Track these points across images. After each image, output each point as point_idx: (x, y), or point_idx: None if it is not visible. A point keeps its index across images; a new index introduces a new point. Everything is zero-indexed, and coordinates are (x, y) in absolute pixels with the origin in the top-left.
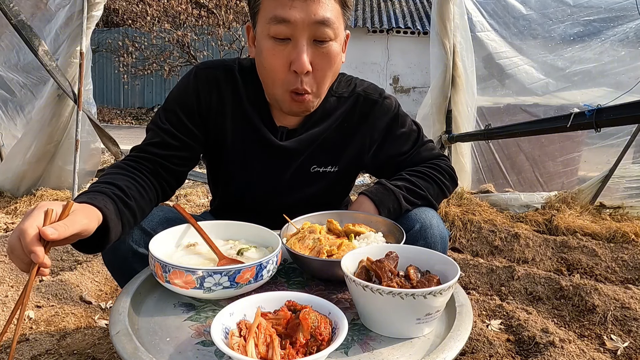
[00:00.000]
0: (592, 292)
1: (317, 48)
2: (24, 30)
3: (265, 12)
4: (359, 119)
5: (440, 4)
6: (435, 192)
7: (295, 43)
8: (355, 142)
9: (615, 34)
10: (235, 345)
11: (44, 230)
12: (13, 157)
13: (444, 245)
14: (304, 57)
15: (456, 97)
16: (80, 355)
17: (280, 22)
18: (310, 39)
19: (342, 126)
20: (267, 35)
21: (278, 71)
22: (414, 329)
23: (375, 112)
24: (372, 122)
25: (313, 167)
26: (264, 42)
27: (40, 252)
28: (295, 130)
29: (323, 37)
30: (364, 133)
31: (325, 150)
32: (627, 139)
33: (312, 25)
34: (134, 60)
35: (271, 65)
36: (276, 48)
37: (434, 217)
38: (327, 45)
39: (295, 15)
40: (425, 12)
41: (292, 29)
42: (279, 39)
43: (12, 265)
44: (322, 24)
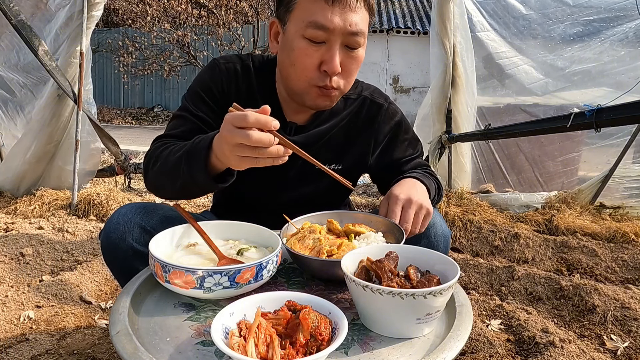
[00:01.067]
0: (592, 292)
1: (347, 52)
2: (24, 30)
3: (303, 14)
4: (364, 120)
5: (440, 4)
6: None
7: (329, 47)
8: (359, 142)
9: (615, 34)
10: (235, 345)
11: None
12: (13, 157)
13: (447, 244)
14: (337, 61)
15: (456, 97)
16: (80, 355)
17: (319, 28)
18: (343, 45)
19: (348, 126)
20: (301, 35)
21: (308, 70)
22: (414, 329)
23: (380, 115)
24: (377, 126)
25: None
26: (297, 42)
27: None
28: (305, 126)
29: (354, 45)
30: (369, 135)
31: (330, 148)
32: (627, 139)
33: (347, 34)
34: (134, 60)
35: (302, 64)
36: (310, 49)
37: (437, 216)
38: (356, 51)
39: (334, 24)
40: (425, 12)
41: (329, 35)
42: (313, 42)
43: (12, 265)
44: (356, 34)
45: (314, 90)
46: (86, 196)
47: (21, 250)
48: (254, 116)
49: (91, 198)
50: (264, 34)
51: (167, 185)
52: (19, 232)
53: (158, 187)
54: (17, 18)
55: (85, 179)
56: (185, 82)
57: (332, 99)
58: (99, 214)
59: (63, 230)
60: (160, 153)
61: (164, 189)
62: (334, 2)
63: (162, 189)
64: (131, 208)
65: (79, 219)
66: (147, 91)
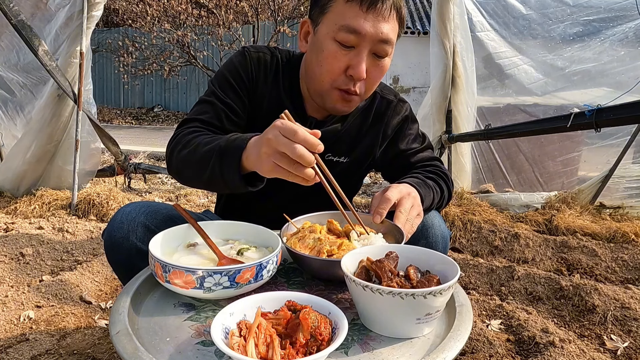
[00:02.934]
0: (592, 292)
1: (374, 60)
2: (24, 30)
3: (337, 17)
4: (375, 115)
5: (440, 4)
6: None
7: (358, 52)
8: (368, 137)
9: (615, 34)
10: (235, 345)
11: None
12: (13, 157)
13: (445, 244)
14: (363, 66)
15: (456, 97)
16: (80, 355)
17: (351, 32)
18: (371, 52)
19: (359, 121)
20: (332, 38)
21: (334, 73)
22: (414, 329)
23: (390, 110)
24: (386, 120)
25: (328, 155)
26: (327, 43)
27: None
28: (324, 122)
29: (382, 54)
30: (377, 129)
31: (341, 141)
32: (627, 139)
33: (377, 42)
34: (134, 60)
35: (330, 66)
36: (339, 52)
37: (436, 216)
38: (383, 60)
39: (366, 30)
40: (425, 12)
41: (359, 40)
42: (343, 45)
43: (12, 265)
44: (385, 42)
45: (336, 93)
46: (86, 196)
47: (21, 250)
48: (304, 135)
49: (91, 198)
50: (264, 34)
51: (192, 174)
52: (19, 232)
53: (182, 174)
54: (17, 18)
55: (85, 179)
56: (185, 82)
57: (351, 105)
58: (99, 214)
59: (63, 230)
60: (189, 140)
61: (188, 177)
62: (368, 9)
63: (187, 176)
64: (135, 207)
65: (79, 219)
66: (147, 91)
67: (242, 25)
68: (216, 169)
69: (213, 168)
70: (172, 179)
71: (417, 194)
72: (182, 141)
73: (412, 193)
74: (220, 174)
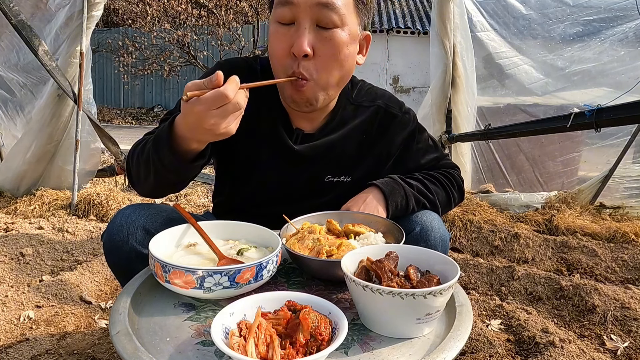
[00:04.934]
0: (592, 292)
1: (321, 33)
2: (24, 30)
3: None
4: (377, 131)
5: (440, 4)
6: (444, 200)
7: (297, 26)
8: (371, 154)
9: (615, 34)
10: (235, 345)
11: None
12: (13, 157)
13: (445, 247)
14: (303, 39)
15: (456, 97)
16: (80, 355)
17: (283, 5)
18: (314, 23)
19: (359, 137)
20: (273, 20)
21: (280, 56)
22: (414, 329)
23: (394, 126)
24: (390, 137)
25: (328, 176)
26: (271, 28)
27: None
28: (312, 135)
29: (326, 22)
30: (381, 146)
31: (341, 159)
32: (627, 139)
33: (314, 7)
34: (134, 60)
35: (274, 50)
36: (279, 31)
37: (435, 219)
38: (331, 31)
39: None
40: (425, 12)
41: (295, 11)
42: (283, 24)
43: (12, 265)
44: (325, 6)
45: (288, 85)
46: (86, 196)
47: (21, 250)
48: (195, 84)
49: (91, 198)
50: (264, 34)
51: (142, 176)
52: (19, 232)
53: (135, 182)
54: (17, 18)
55: (85, 179)
56: (185, 82)
57: (307, 94)
58: (99, 214)
59: (63, 230)
60: (136, 147)
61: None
62: None
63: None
64: (134, 209)
65: (79, 219)
66: (147, 91)
67: (242, 25)
68: (157, 162)
69: (154, 163)
70: None
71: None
72: (132, 153)
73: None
74: (161, 164)
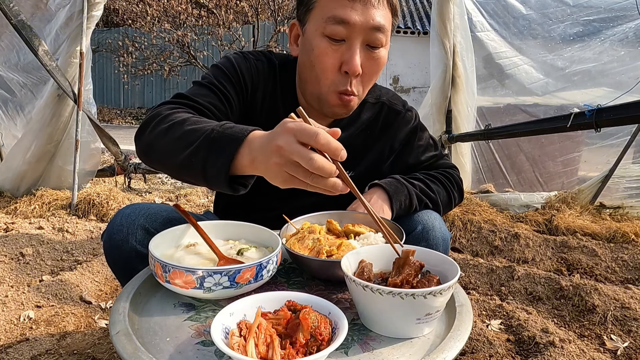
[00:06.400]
0: (592, 292)
1: (369, 52)
2: (24, 30)
3: (323, 11)
4: (381, 127)
5: (440, 4)
6: (445, 200)
7: (350, 45)
8: (375, 150)
9: (615, 34)
10: (235, 345)
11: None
12: (13, 157)
13: (446, 247)
14: (357, 60)
15: (456, 97)
16: (80, 355)
17: (338, 23)
18: (364, 43)
19: (365, 133)
20: (321, 34)
21: (328, 71)
22: (414, 329)
23: (397, 122)
24: (393, 133)
25: None
26: (316, 41)
27: None
28: None
29: (376, 43)
30: (384, 142)
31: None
32: (627, 139)
33: (368, 30)
34: (134, 60)
35: (322, 64)
36: (330, 48)
37: (436, 219)
38: (378, 51)
39: (354, 18)
40: (425, 12)
41: (349, 31)
42: (334, 40)
43: (12, 265)
44: (377, 29)
45: (334, 96)
46: (86, 196)
47: (21, 250)
48: (326, 138)
49: (91, 198)
50: (264, 34)
51: (163, 153)
52: (19, 232)
53: (152, 151)
54: (17, 18)
55: (85, 179)
56: (185, 82)
57: (349, 107)
58: (99, 214)
59: (63, 230)
60: (172, 115)
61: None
62: None
63: (156, 155)
64: (135, 209)
65: (79, 219)
66: (147, 91)
67: (242, 25)
68: (199, 156)
69: (194, 154)
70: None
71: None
72: (163, 115)
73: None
74: (202, 164)
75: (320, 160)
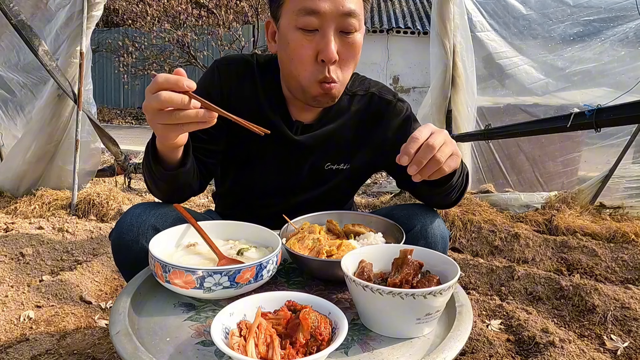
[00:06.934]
0: (592, 292)
1: (343, 38)
2: (24, 30)
3: (293, 5)
4: (372, 118)
5: (440, 4)
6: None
7: (324, 33)
8: (368, 141)
9: (615, 34)
10: (235, 345)
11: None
12: (13, 157)
13: (445, 245)
14: (332, 47)
15: (456, 97)
16: (80, 355)
17: (309, 14)
18: (337, 30)
19: (356, 124)
20: (294, 27)
21: (306, 62)
22: (414, 329)
23: (389, 112)
24: (385, 123)
25: (327, 164)
26: (290, 34)
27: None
28: (311, 125)
29: (349, 29)
30: (377, 133)
31: (338, 147)
32: (627, 139)
33: (339, 17)
34: (134, 60)
35: (300, 56)
36: (304, 39)
37: (435, 216)
38: (352, 36)
39: (324, 7)
40: (425, 12)
41: (321, 20)
42: (307, 30)
43: (12, 265)
44: (348, 15)
45: (315, 86)
46: (86, 196)
47: (21, 250)
48: (163, 76)
49: (91, 198)
50: (264, 34)
51: (150, 187)
52: (19, 232)
53: (150, 190)
54: (17, 18)
55: (85, 179)
56: None
57: (332, 95)
58: (99, 214)
59: (63, 230)
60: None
61: (151, 190)
62: None
63: (151, 191)
64: (144, 209)
65: (79, 219)
66: None
67: (242, 25)
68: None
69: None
70: None
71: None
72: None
73: (445, 133)
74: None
75: (165, 93)
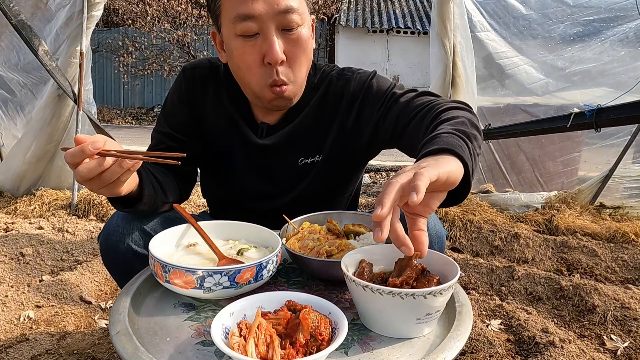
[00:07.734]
0: (592, 292)
1: (286, 36)
2: (24, 30)
3: (228, 13)
4: (333, 100)
5: (440, 4)
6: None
7: (265, 36)
8: (335, 126)
9: (615, 34)
10: (235, 345)
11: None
12: (13, 157)
13: (441, 245)
14: (276, 47)
15: (456, 97)
16: (80, 355)
17: (245, 19)
18: (278, 29)
19: (319, 112)
20: (234, 35)
21: (253, 68)
22: (414, 329)
23: (349, 88)
24: (347, 100)
25: (300, 159)
26: (233, 43)
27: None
28: (275, 126)
29: (290, 26)
30: (342, 115)
31: (307, 140)
32: (627, 139)
33: (277, 16)
34: (134, 60)
35: (245, 64)
36: (247, 45)
37: (431, 216)
38: (295, 32)
39: (258, 9)
40: (425, 12)
41: (259, 23)
42: (247, 36)
43: (12, 265)
44: (286, 12)
45: (267, 90)
46: (86, 196)
47: (21, 250)
48: (69, 154)
49: (91, 198)
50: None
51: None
52: (19, 232)
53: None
54: (17, 18)
55: None
56: None
57: (286, 97)
58: (99, 214)
59: (63, 230)
60: None
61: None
62: None
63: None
64: None
65: (79, 219)
66: (147, 91)
67: None
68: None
69: None
70: None
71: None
72: None
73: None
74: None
75: (81, 168)
